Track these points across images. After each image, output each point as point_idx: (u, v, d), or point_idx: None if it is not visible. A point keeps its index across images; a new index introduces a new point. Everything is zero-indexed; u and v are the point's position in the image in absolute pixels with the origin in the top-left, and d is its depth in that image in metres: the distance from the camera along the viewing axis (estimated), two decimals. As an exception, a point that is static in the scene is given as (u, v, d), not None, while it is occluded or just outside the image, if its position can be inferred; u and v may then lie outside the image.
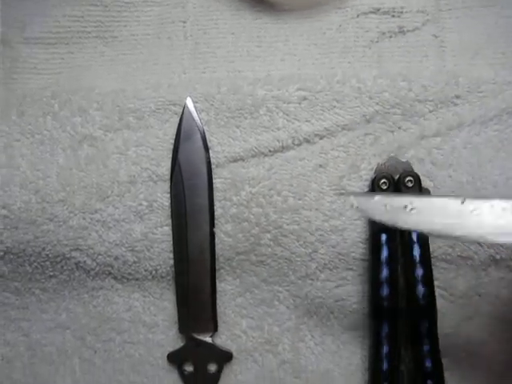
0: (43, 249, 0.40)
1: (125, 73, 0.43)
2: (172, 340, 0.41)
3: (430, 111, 0.39)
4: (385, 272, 0.38)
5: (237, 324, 0.40)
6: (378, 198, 0.27)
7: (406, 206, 0.27)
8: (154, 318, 0.41)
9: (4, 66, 0.44)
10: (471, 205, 0.26)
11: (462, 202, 0.26)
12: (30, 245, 0.40)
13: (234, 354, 0.40)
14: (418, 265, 0.37)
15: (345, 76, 0.40)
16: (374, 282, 0.38)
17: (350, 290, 0.39)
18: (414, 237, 0.38)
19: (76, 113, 0.41)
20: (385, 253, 0.38)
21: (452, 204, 0.26)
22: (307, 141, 0.40)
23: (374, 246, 0.38)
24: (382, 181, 0.38)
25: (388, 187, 0.38)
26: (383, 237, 0.38)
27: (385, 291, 0.37)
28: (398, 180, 0.38)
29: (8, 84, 0.44)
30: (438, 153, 0.39)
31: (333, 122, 0.39)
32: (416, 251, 0.38)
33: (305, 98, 0.40)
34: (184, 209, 0.39)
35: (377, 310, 0.38)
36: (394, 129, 0.40)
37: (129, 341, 0.41)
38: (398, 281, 0.38)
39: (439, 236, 0.28)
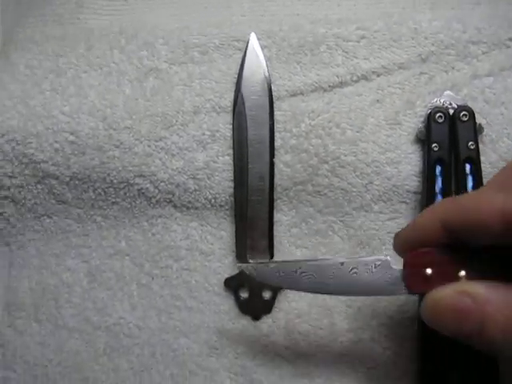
0: (108, 175, 0.41)
1: (186, 14, 0.45)
2: (228, 268, 0.42)
3: (483, 53, 0.41)
4: (439, 202, 0.39)
5: (291, 254, 0.42)
6: (272, 266, 0.33)
7: (296, 271, 0.32)
8: (211, 247, 0.42)
9: (68, 6, 0.46)
10: (349, 265, 0.31)
11: (342, 264, 0.31)
12: (95, 170, 0.41)
13: (288, 282, 0.41)
14: (471, 196, 0.39)
15: (401, 17, 0.42)
16: (427, 212, 0.39)
17: (403, 223, 0.41)
18: (468, 169, 0.39)
19: (142, 47, 0.42)
20: (439, 184, 0.39)
21: (334, 266, 0.31)
22: (365, 77, 0.41)
23: (428, 177, 0.39)
24: (438, 114, 0.39)
25: (444, 121, 0.39)
26: (438, 168, 0.39)
27: (438, 221, 0.39)
28: (453, 114, 0.39)
29: (74, 24, 0.45)
30: (490, 92, 0.41)
31: (390, 61, 0.41)
32: (469, 183, 0.39)
33: (363, 37, 0.41)
34: (245, 139, 0.40)
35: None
36: (448, 69, 0.41)
37: (186, 268, 0.42)
38: (451, 211, 0.39)
39: (328, 293, 0.32)
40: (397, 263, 0.31)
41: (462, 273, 0.28)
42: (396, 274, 0.30)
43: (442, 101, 0.40)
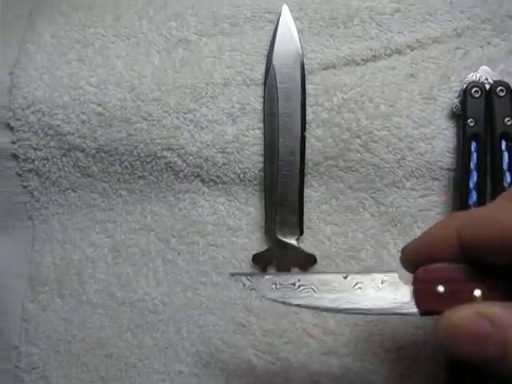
0: (135, 147, 0.41)
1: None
2: (255, 244, 0.41)
3: (521, 28, 0.40)
4: (474, 179, 0.38)
5: (321, 230, 0.41)
6: (268, 277, 0.30)
7: (294, 284, 0.29)
8: (239, 222, 0.42)
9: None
10: (354, 279, 0.29)
11: (345, 277, 0.29)
12: (122, 143, 0.41)
13: (318, 259, 0.40)
14: (507, 173, 0.38)
15: (437, -9, 0.41)
16: (462, 190, 0.38)
17: (435, 200, 0.40)
18: (504, 145, 0.38)
19: (171, 17, 0.42)
20: (474, 160, 0.38)
21: (336, 279, 0.29)
22: (399, 51, 0.40)
23: (463, 153, 0.38)
24: (475, 89, 0.38)
25: (480, 96, 0.38)
26: (473, 144, 0.38)
27: (473, 198, 0.38)
28: (489, 90, 0.39)
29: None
30: (527, 68, 0.40)
31: (424, 35, 0.40)
32: (505, 159, 0.38)
33: (398, 10, 0.40)
34: (276, 112, 0.40)
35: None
36: (483, 44, 0.40)
37: (212, 243, 0.42)
38: (487, 189, 0.38)
39: (328, 310, 0.29)
40: (406, 280, 0.28)
41: (478, 292, 0.26)
42: (405, 291, 0.28)
43: (477, 76, 0.39)
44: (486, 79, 0.39)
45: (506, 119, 0.38)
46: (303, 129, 0.40)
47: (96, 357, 0.41)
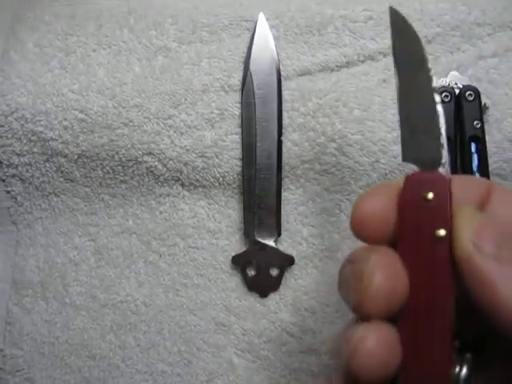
0: (117, 152, 0.42)
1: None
2: (235, 246, 0.42)
3: (488, 34, 0.42)
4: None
5: (298, 232, 0.42)
6: None
7: None
8: (218, 225, 0.43)
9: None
10: None
11: None
12: (104, 148, 0.42)
13: (295, 260, 0.41)
14: (477, 175, 0.39)
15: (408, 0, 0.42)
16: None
17: (408, 201, 0.41)
18: (473, 148, 0.40)
19: (151, 26, 0.43)
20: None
21: None
22: (372, 58, 0.42)
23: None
24: (444, 94, 0.40)
25: (450, 100, 0.40)
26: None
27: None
28: (459, 94, 0.40)
29: (83, 4, 0.46)
30: (494, 72, 0.41)
31: (396, 41, 0.42)
32: (475, 161, 0.40)
33: (370, 18, 0.42)
34: (254, 117, 0.41)
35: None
36: (453, 50, 0.42)
37: (193, 246, 0.43)
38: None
39: None
40: None
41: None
42: None
43: (447, 81, 0.41)
44: (456, 84, 0.41)
45: (475, 122, 0.40)
46: (280, 133, 0.41)
47: (79, 358, 0.42)
